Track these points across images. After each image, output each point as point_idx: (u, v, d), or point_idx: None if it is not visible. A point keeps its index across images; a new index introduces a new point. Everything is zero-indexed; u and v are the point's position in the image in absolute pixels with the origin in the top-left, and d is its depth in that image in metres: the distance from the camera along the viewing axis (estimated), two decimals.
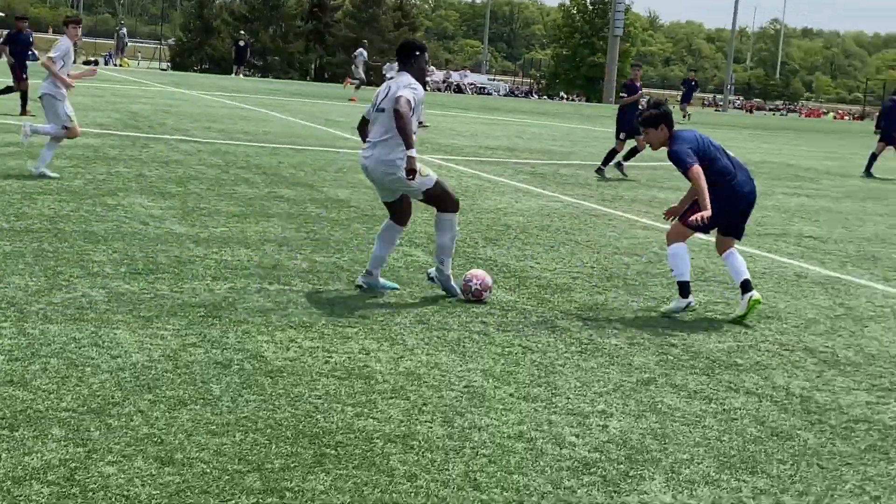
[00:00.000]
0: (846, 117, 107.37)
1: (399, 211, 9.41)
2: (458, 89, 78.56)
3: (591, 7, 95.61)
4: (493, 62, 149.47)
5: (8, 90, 25.15)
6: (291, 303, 8.62)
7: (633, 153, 21.49)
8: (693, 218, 8.94)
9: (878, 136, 27.61)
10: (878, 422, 6.74)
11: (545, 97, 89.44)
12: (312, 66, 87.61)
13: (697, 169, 8.87)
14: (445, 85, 79.39)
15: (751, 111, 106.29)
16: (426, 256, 11.05)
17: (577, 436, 6.04)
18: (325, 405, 6.23)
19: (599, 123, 41.43)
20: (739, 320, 9.14)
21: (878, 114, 28.57)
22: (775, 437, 6.29)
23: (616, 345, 8.13)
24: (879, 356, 8.41)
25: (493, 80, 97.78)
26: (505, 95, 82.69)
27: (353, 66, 49.85)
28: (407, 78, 9.06)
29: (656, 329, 8.72)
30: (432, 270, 9.48)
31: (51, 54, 14.28)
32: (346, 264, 10.33)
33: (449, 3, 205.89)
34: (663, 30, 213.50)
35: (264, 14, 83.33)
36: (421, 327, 8.20)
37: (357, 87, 48.32)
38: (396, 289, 9.38)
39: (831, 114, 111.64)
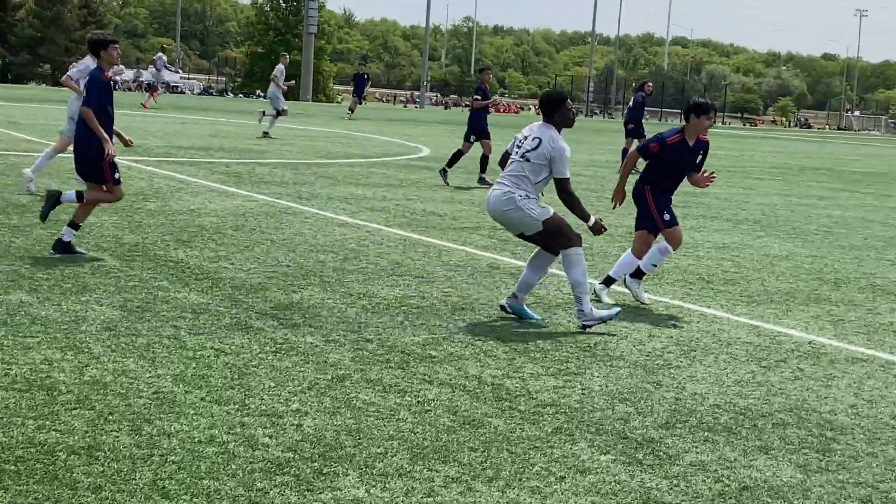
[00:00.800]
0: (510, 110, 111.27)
1: (545, 245, 9.29)
2: (150, 87, 76.75)
3: (284, 4, 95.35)
4: (187, 60, 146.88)
5: None
6: None
7: (457, 157, 21.18)
8: None
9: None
10: (565, 405, 6.96)
11: (241, 95, 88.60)
12: None
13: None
14: (136, 84, 77.46)
15: (447, 107, 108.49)
16: (114, 260, 10.71)
17: (270, 436, 5.96)
18: (4, 419, 5.93)
19: (296, 121, 41.33)
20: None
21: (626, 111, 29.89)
22: (467, 426, 6.39)
23: (311, 343, 8.09)
24: (566, 342, 8.70)
25: (187, 78, 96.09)
26: (199, 94, 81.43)
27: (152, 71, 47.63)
28: (555, 134, 9.09)
29: (352, 325, 8.73)
30: (577, 317, 9.16)
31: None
32: (28, 272, 9.88)
33: (138, 0, 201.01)
34: (359, 27, 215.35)
35: None
36: (108, 334, 7.93)
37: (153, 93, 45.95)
38: (537, 320, 9.24)
39: (532, 109, 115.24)
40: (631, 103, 28.49)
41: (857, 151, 52.04)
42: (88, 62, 13.90)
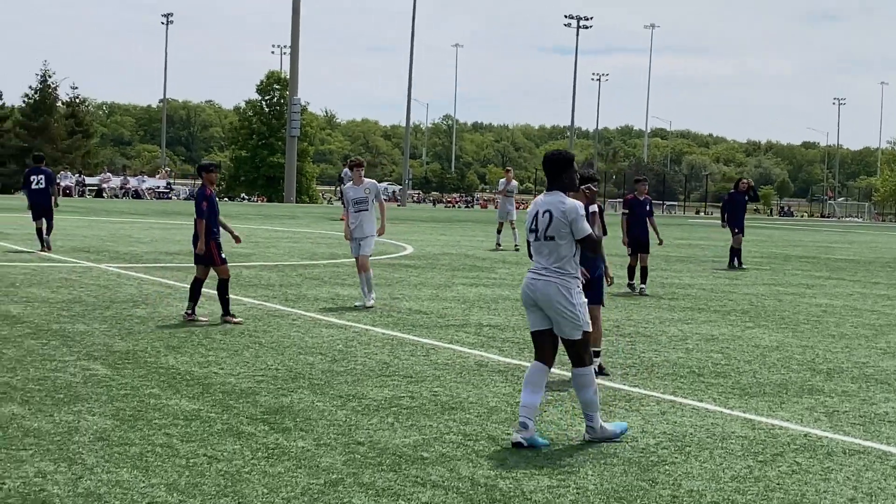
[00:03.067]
0: (519, 207, 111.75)
1: (548, 346, 8.72)
2: (137, 195, 77.14)
3: (267, 109, 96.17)
4: (172, 166, 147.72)
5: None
6: None
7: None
8: None
9: (728, 229, 27.88)
10: None
11: (226, 199, 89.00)
12: None
13: None
14: (123, 191, 77.81)
15: (434, 204, 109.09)
16: (105, 369, 10.69)
17: None
18: None
19: (280, 223, 41.50)
20: None
21: (720, 208, 29.89)
22: None
23: (303, 447, 8.07)
24: (557, 440, 8.68)
25: (173, 183, 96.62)
26: (185, 199, 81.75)
27: None
28: (560, 198, 8.66)
29: (343, 428, 8.71)
30: (586, 434, 8.73)
31: None
32: (20, 383, 9.87)
33: (124, 109, 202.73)
34: (341, 128, 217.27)
35: None
36: (101, 444, 7.90)
37: None
38: (548, 445, 8.55)
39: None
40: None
41: (841, 238, 52.38)
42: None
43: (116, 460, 7.50)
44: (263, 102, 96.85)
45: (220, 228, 14.94)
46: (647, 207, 20.63)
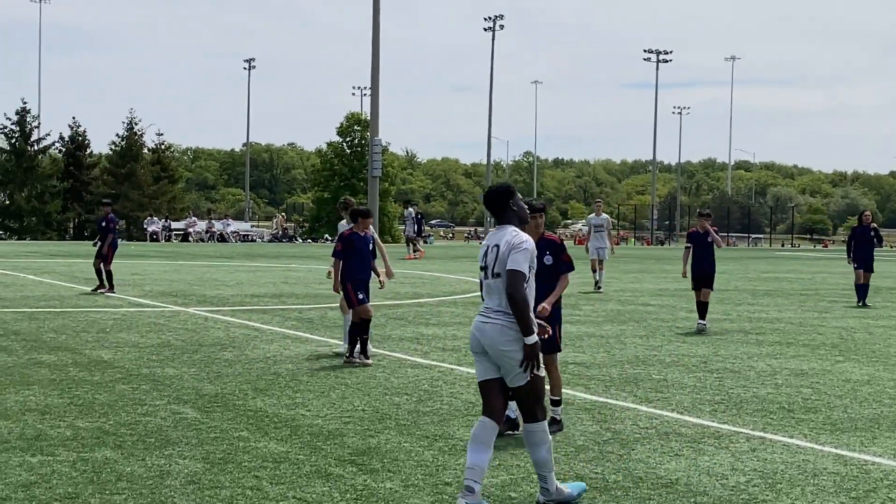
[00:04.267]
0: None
1: (498, 399, 7.82)
2: (222, 238, 78.06)
3: (349, 151, 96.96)
4: (256, 208, 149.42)
5: None
6: (56, 474, 8.29)
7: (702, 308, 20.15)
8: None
9: (854, 265, 26.62)
10: None
11: (309, 240, 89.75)
12: (71, 225, 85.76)
13: None
14: (209, 235, 78.79)
15: None
16: (195, 412, 10.82)
17: None
18: None
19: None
20: None
21: (846, 243, 28.04)
22: None
23: (391, 488, 8.10)
24: (647, 478, 8.62)
25: (256, 226, 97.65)
26: (269, 241, 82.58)
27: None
28: (511, 231, 7.80)
29: (430, 468, 8.73)
30: (540, 497, 7.94)
31: None
32: (112, 428, 10.02)
33: (208, 154, 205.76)
34: (422, 167, 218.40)
35: (18, 175, 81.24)
36: (192, 487, 7.99)
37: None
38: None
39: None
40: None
41: None
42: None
43: (208, 503, 7.58)
44: (344, 144, 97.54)
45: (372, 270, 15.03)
46: (709, 239, 20.11)
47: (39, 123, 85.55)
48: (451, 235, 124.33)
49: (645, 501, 7.92)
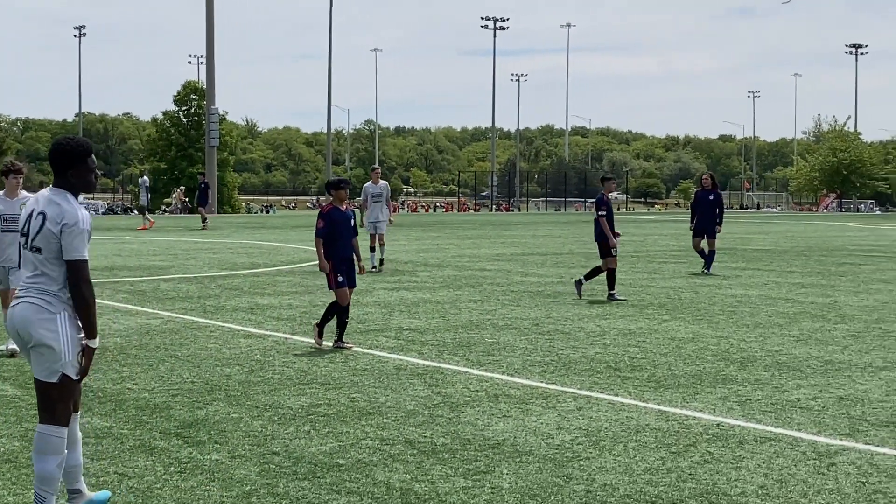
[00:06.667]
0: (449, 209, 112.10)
1: (41, 401, 6.46)
2: None
3: (185, 120, 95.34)
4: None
5: None
6: None
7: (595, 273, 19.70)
8: None
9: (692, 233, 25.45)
10: None
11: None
12: None
13: None
14: None
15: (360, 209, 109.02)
16: (15, 389, 10.52)
17: None
18: None
19: (202, 234, 41.18)
20: None
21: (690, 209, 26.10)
22: None
23: (217, 460, 7.99)
24: (474, 440, 8.68)
25: (91, 198, 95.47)
26: (104, 213, 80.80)
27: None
28: (66, 203, 6.39)
29: (258, 438, 8.65)
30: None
31: None
32: None
33: (39, 124, 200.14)
34: (262, 136, 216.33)
35: None
36: (9, 466, 7.77)
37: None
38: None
39: (437, 208, 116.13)
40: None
41: (758, 229, 53.01)
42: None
43: (24, 482, 7.37)
44: (181, 113, 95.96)
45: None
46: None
47: None
48: (293, 205, 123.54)
49: (472, 463, 7.97)
